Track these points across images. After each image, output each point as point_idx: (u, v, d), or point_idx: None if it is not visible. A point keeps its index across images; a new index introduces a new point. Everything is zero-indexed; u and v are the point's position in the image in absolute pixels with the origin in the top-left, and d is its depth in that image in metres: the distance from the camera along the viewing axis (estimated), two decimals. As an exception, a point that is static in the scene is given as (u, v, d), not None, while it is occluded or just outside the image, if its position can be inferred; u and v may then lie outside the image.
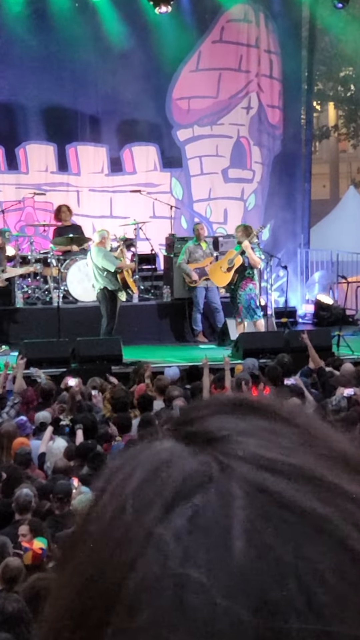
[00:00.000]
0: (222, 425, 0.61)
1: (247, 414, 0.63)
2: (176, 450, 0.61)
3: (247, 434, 0.61)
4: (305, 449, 0.61)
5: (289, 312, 16.64)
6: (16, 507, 7.58)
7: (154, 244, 16.71)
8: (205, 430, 0.62)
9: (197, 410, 0.64)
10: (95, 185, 17.81)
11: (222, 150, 18.55)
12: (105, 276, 14.35)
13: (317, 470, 0.60)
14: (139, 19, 17.41)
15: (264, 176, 18.73)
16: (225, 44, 18.46)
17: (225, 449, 0.60)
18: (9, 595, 5.93)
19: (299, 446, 0.61)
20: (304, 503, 0.58)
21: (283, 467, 0.59)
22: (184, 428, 0.63)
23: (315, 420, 0.64)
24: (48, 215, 17.20)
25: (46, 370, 12.65)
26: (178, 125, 18.32)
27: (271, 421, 0.63)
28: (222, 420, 0.62)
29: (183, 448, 0.61)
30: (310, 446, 0.61)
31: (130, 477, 0.60)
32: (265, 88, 18.68)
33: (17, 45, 16.93)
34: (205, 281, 15.61)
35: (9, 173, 17.43)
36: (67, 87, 17.23)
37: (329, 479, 0.60)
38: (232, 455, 0.60)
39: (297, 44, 19.05)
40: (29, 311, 15.36)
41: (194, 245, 15.77)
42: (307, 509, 0.58)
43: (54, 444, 9.27)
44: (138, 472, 0.60)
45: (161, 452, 0.61)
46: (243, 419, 0.62)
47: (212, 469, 0.59)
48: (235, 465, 0.59)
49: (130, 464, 0.61)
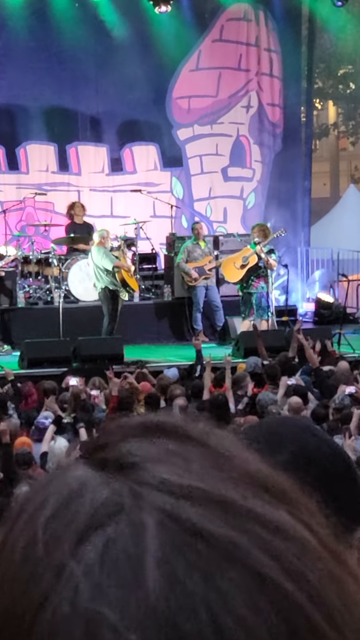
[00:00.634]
0: (132, 451, 0.61)
1: (157, 437, 0.62)
2: (87, 478, 0.60)
3: (157, 460, 0.60)
4: (216, 473, 0.60)
5: (290, 310, 16.64)
6: None
7: (155, 243, 16.73)
8: (116, 457, 0.61)
9: (108, 434, 0.63)
10: (96, 185, 17.83)
11: (222, 149, 18.57)
12: (107, 276, 14.37)
13: (228, 495, 0.59)
14: (138, 19, 17.43)
15: (263, 175, 18.75)
16: (225, 43, 18.48)
17: (136, 476, 0.59)
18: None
19: (210, 469, 0.60)
20: (214, 530, 0.57)
21: (193, 493, 0.58)
22: (95, 454, 0.62)
23: (227, 441, 0.63)
24: (49, 215, 17.23)
25: (47, 369, 12.68)
26: (178, 125, 18.34)
27: (182, 444, 0.62)
28: (132, 445, 0.61)
29: (95, 475, 0.60)
30: (221, 469, 0.60)
31: (40, 509, 0.59)
32: (265, 86, 18.70)
33: (17, 46, 16.95)
34: (205, 280, 15.63)
35: (10, 173, 17.46)
36: (68, 87, 17.25)
37: (240, 503, 0.58)
38: (143, 482, 0.59)
39: (297, 42, 19.06)
40: (31, 311, 15.39)
41: (193, 244, 15.78)
42: (217, 536, 0.57)
43: (55, 443, 9.29)
44: (49, 503, 0.59)
45: (72, 481, 0.60)
46: (153, 443, 0.62)
47: (124, 498, 0.58)
48: (146, 494, 0.58)
49: (42, 494, 0.60)
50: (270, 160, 18.76)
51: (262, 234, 14.95)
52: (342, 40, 20.76)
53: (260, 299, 14.79)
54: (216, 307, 15.71)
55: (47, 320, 14.64)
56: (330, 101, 31.64)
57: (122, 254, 14.84)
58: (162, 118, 18.14)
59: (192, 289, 15.71)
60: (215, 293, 15.72)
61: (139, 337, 15.07)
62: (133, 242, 16.03)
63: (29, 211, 17.25)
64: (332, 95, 30.51)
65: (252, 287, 14.82)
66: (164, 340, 15.52)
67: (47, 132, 17.51)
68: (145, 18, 17.47)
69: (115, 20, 17.42)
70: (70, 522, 0.58)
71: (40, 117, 17.40)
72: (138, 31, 17.43)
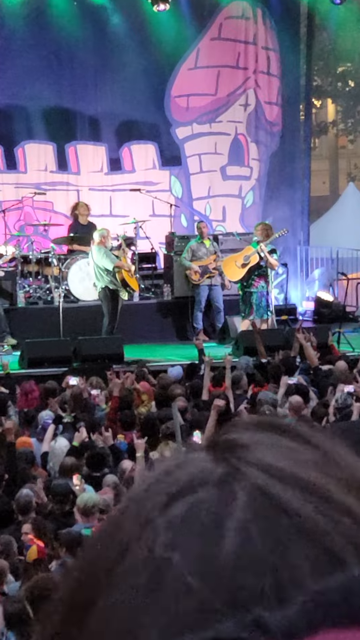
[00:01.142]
0: (243, 437, 0.65)
1: (270, 431, 0.66)
2: (195, 455, 0.65)
3: (265, 446, 0.64)
4: (320, 468, 0.62)
5: (289, 309, 16.65)
6: (17, 507, 7.60)
7: (154, 242, 16.72)
8: (227, 439, 0.65)
9: (228, 427, 0.67)
10: (95, 184, 17.82)
11: (220, 147, 18.56)
12: (107, 275, 14.37)
13: (325, 487, 0.61)
14: (137, 17, 17.41)
15: (261, 173, 18.74)
16: (223, 41, 18.47)
17: (241, 454, 0.63)
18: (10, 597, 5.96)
19: (314, 464, 0.63)
20: (302, 511, 0.59)
21: (292, 479, 0.61)
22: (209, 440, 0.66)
23: (338, 446, 0.65)
24: (48, 215, 17.22)
25: (48, 369, 12.68)
26: (177, 123, 18.33)
27: (292, 439, 0.65)
28: (245, 433, 0.65)
29: (201, 453, 0.64)
30: (326, 466, 0.63)
31: (148, 478, 0.65)
32: (263, 85, 18.68)
33: (15, 45, 16.94)
34: (209, 279, 15.60)
35: (8, 172, 17.45)
36: (66, 86, 17.24)
37: (335, 497, 0.61)
38: (245, 460, 0.62)
39: (295, 40, 19.04)
40: (31, 311, 15.39)
41: (197, 243, 15.79)
42: (303, 515, 0.59)
43: (55, 443, 9.29)
44: (154, 473, 0.65)
45: (181, 457, 0.65)
46: (265, 434, 0.65)
47: (222, 469, 0.62)
48: (245, 470, 0.61)
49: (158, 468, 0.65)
50: (267, 158, 18.76)
51: (265, 233, 14.94)
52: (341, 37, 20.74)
53: (260, 298, 14.78)
54: (217, 307, 15.71)
55: (47, 320, 14.64)
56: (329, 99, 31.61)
57: (123, 254, 14.83)
58: (160, 117, 18.13)
59: (195, 288, 15.71)
60: (219, 294, 15.68)
61: (139, 336, 15.07)
62: (133, 242, 16.02)
63: (28, 211, 17.25)
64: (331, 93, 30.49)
65: (252, 286, 14.81)
66: (164, 339, 15.52)
67: (46, 131, 17.49)
68: (144, 16, 17.46)
69: (113, 18, 17.41)
70: (167, 486, 0.62)
71: (39, 116, 17.39)
72: (136, 29, 17.42)
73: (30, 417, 10.41)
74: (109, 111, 17.61)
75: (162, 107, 18.12)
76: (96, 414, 10.35)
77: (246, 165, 18.74)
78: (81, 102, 17.45)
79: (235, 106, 18.57)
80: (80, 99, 17.38)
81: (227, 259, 15.29)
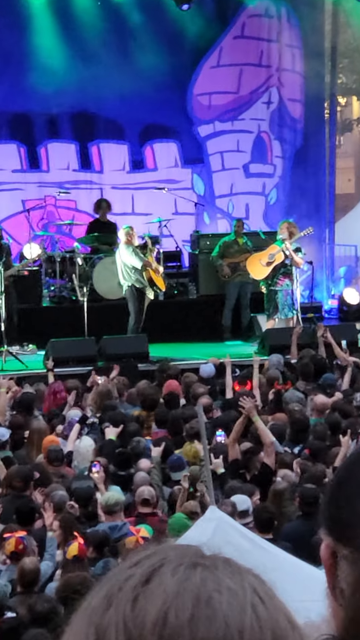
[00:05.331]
0: None
1: None
2: None
3: None
4: None
5: (315, 307, 16.57)
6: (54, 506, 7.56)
7: (178, 240, 16.68)
8: None
9: None
10: (117, 183, 17.81)
11: (243, 145, 18.50)
12: (134, 274, 14.32)
13: None
14: (160, 15, 17.37)
15: (285, 170, 18.67)
16: (246, 40, 18.41)
17: None
18: (41, 595, 5.93)
19: None
20: None
21: None
22: None
23: None
24: (71, 214, 17.22)
25: (73, 368, 12.66)
26: (199, 121, 18.29)
27: None
28: None
29: None
30: None
31: None
32: (287, 82, 18.60)
33: (39, 45, 16.94)
34: (240, 276, 15.51)
35: (31, 172, 17.46)
36: (89, 84, 17.21)
37: None
38: None
39: (320, 38, 18.95)
40: (55, 310, 15.37)
41: (231, 240, 15.74)
42: None
43: (80, 443, 9.26)
44: None
45: None
46: None
47: None
48: None
49: None
50: (291, 155, 18.68)
51: (289, 231, 14.84)
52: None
53: (285, 296, 14.69)
54: (245, 305, 15.64)
55: (72, 319, 14.61)
56: (354, 96, 31.45)
57: (149, 252, 14.78)
58: (182, 115, 18.09)
59: (225, 285, 15.64)
60: (248, 291, 15.58)
61: (164, 335, 15.00)
62: (157, 240, 15.98)
63: (51, 209, 17.25)
64: (356, 90, 30.30)
65: (277, 284, 14.72)
66: (189, 338, 15.44)
67: (69, 130, 17.50)
68: (167, 14, 17.42)
69: (136, 16, 17.39)
70: None
71: (62, 116, 17.40)
72: (159, 27, 17.38)
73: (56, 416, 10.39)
74: (131, 110, 17.58)
75: (184, 106, 18.09)
76: (125, 412, 10.30)
77: (269, 162, 18.66)
78: (104, 101, 17.43)
79: (258, 104, 18.51)
80: (102, 97, 17.36)
81: (251, 257, 15.22)
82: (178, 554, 0.90)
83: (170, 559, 0.89)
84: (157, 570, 0.87)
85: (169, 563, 0.88)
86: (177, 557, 0.89)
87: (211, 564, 0.90)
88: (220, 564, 0.90)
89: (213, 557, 0.91)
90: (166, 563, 0.88)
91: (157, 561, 0.89)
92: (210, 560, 0.90)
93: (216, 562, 0.90)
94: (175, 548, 0.92)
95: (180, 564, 0.88)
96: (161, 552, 0.90)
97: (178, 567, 0.88)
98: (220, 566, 0.90)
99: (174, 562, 0.88)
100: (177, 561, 0.89)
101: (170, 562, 0.88)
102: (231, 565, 0.91)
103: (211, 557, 0.91)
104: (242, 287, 15.58)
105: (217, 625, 0.83)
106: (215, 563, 0.90)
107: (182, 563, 0.88)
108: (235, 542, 4.40)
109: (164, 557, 0.89)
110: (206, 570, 0.89)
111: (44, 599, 5.70)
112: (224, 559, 0.92)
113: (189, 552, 0.91)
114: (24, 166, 17.48)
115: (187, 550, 0.91)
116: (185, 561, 0.89)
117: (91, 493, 7.77)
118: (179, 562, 0.89)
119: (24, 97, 17.00)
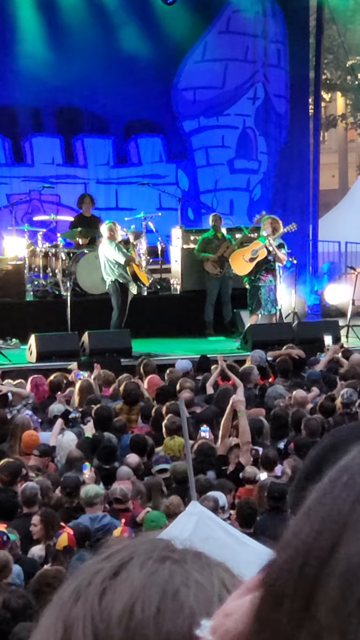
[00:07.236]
0: None
1: None
2: None
3: None
4: None
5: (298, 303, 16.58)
6: (22, 500, 7.58)
7: (161, 236, 16.67)
8: None
9: None
10: (101, 177, 17.78)
11: (228, 141, 18.50)
12: (117, 269, 14.30)
13: None
14: (145, 10, 17.35)
15: (269, 166, 18.68)
16: (231, 35, 18.40)
17: None
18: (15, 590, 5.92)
19: None
20: None
21: None
22: None
23: None
24: (55, 208, 17.19)
25: (56, 363, 12.65)
26: (184, 116, 18.28)
27: None
28: None
29: None
30: None
31: None
32: (272, 78, 18.61)
33: (23, 39, 16.89)
34: (221, 272, 15.51)
35: (16, 166, 17.41)
36: (73, 79, 17.17)
37: None
38: None
39: (305, 34, 18.96)
40: (39, 304, 15.35)
41: (211, 236, 15.74)
42: None
43: (63, 437, 9.25)
44: None
45: None
46: None
47: None
48: None
49: None
50: (275, 151, 18.69)
51: (272, 227, 14.84)
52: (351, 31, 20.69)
53: (268, 292, 14.71)
54: (226, 301, 15.64)
55: (55, 314, 14.59)
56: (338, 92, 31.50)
57: (133, 248, 14.77)
58: (167, 110, 18.07)
59: (207, 281, 15.63)
60: (228, 286, 15.59)
61: (147, 330, 15.00)
62: (141, 235, 15.96)
63: (35, 204, 17.21)
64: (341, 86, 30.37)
65: (260, 280, 14.73)
66: (172, 333, 15.44)
67: (53, 125, 17.46)
68: (152, 9, 17.39)
69: (122, 12, 17.35)
70: None
71: (47, 110, 17.35)
72: (144, 22, 17.35)
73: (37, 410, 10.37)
74: (115, 105, 17.55)
75: (169, 101, 18.07)
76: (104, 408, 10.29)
77: (254, 158, 18.67)
78: (88, 96, 17.40)
79: (243, 99, 18.51)
80: (87, 92, 17.33)
81: (234, 254, 15.22)
82: (148, 548, 0.91)
83: (139, 553, 0.89)
84: (126, 564, 0.88)
85: (138, 557, 0.88)
86: (146, 551, 0.90)
87: (180, 557, 0.90)
88: (190, 558, 0.90)
89: (183, 551, 0.91)
90: (135, 557, 0.88)
91: (127, 555, 0.89)
92: (180, 554, 0.90)
93: (186, 556, 0.91)
94: (146, 542, 0.92)
95: (149, 558, 0.89)
96: (132, 546, 0.91)
97: (147, 561, 0.88)
98: (190, 560, 0.90)
99: (142, 556, 0.89)
100: (146, 555, 0.89)
101: (139, 556, 0.89)
102: (201, 559, 0.91)
103: (181, 551, 0.91)
104: (223, 282, 15.58)
105: (183, 618, 0.84)
106: (185, 557, 0.90)
107: (151, 557, 0.89)
108: (217, 537, 4.42)
109: (133, 551, 0.90)
110: (175, 564, 0.89)
111: (17, 594, 5.69)
112: (195, 552, 0.92)
113: (159, 545, 0.91)
114: (8, 160, 17.44)
115: (158, 544, 0.92)
116: (154, 555, 0.89)
117: (79, 484, 7.81)
118: (148, 555, 0.89)
119: (8, 91, 16.96)
